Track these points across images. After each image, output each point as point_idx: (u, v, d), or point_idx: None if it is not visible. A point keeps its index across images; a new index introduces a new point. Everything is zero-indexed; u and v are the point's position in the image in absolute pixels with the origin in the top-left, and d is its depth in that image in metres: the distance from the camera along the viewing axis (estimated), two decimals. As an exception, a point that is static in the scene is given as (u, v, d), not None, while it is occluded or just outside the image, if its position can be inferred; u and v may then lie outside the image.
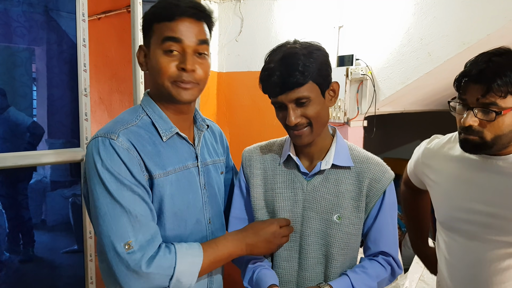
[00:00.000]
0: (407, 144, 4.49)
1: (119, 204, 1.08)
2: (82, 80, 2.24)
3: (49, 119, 2.50)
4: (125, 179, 1.10)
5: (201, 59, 1.20)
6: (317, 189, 1.33)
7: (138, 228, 1.09)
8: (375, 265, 1.34)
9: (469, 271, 1.35)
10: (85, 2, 2.22)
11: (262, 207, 1.38)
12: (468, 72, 1.19)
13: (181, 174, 1.23)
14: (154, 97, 1.26)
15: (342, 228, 1.31)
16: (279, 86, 1.20)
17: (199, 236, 1.28)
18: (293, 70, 1.18)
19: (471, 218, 1.32)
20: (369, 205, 1.32)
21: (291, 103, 1.21)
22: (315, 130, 1.26)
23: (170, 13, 1.16)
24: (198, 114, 1.37)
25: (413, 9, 2.28)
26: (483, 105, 1.16)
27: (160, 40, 1.16)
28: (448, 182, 1.40)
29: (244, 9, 3.07)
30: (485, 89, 1.14)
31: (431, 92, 2.78)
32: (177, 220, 1.22)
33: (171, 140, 1.24)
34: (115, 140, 1.12)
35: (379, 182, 1.31)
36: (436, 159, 1.46)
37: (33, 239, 3.25)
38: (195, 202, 1.26)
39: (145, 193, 1.13)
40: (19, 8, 2.16)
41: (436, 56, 2.23)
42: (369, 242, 1.38)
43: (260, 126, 3.04)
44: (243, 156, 1.44)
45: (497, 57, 1.17)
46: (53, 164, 2.53)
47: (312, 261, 1.33)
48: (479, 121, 1.18)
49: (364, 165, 1.33)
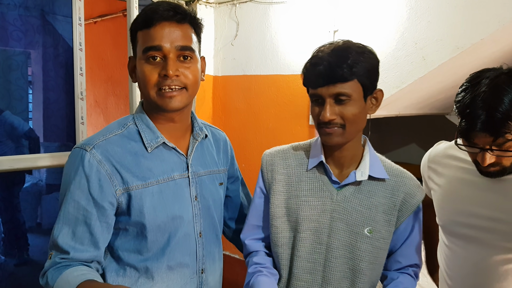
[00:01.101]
0: (402, 148, 4.50)
1: (63, 215, 1.11)
2: (78, 84, 2.24)
3: (45, 123, 2.51)
4: (78, 194, 1.10)
5: (186, 63, 1.15)
6: (348, 200, 1.25)
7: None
8: (409, 280, 1.31)
9: (469, 276, 1.35)
10: (81, 6, 2.23)
11: (283, 215, 1.29)
12: (472, 126, 1.14)
13: (165, 186, 1.19)
14: (145, 107, 1.23)
15: (373, 242, 1.24)
16: (322, 77, 1.13)
17: (188, 251, 1.23)
18: (342, 62, 1.12)
19: (473, 222, 1.32)
20: (400, 220, 1.27)
21: (330, 98, 1.15)
22: (348, 133, 1.19)
23: (149, 19, 1.13)
24: (196, 122, 1.31)
25: (408, 14, 2.30)
26: (497, 146, 1.14)
27: (141, 50, 1.14)
28: (451, 185, 1.39)
29: (240, 13, 3.08)
30: (493, 137, 1.12)
31: (425, 96, 2.80)
32: (161, 232, 1.17)
33: (158, 150, 1.20)
34: (88, 151, 1.11)
35: (414, 198, 1.27)
36: (441, 162, 1.46)
37: (27, 242, 3.24)
38: (181, 214, 1.21)
39: (92, 213, 1.10)
40: (16, 12, 2.16)
41: (430, 60, 2.24)
42: (400, 256, 1.33)
43: (256, 130, 3.05)
44: (264, 159, 1.35)
45: (494, 104, 1.11)
46: (49, 168, 2.53)
47: (338, 275, 1.25)
48: (495, 157, 1.16)
49: (398, 179, 1.28)
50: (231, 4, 3.12)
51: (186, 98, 1.17)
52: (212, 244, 1.31)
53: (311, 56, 1.20)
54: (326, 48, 1.17)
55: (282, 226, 1.29)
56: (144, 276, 1.18)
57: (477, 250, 1.32)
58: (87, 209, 1.10)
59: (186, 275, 1.23)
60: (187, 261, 1.23)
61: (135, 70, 1.20)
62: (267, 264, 1.32)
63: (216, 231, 1.33)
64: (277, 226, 1.29)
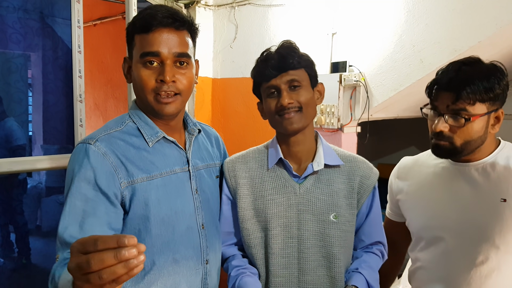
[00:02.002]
0: (400, 150, 4.51)
1: (69, 211, 1.07)
2: (77, 86, 2.25)
3: (44, 125, 2.51)
4: (84, 187, 1.08)
5: (182, 69, 1.18)
6: (310, 191, 1.33)
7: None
8: (374, 257, 1.40)
9: (446, 281, 1.35)
10: (80, 8, 2.24)
11: (252, 216, 1.35)
12: (439, 80, 1.26)
13: (168, 179, 1.21)
14: (140, 107, 1.25)
15: (340, 227, 1.32)
16: (276, 68, 1.26)
17: (191, 243, 1.25)
18: (291, 53, 1.27)
19: (446, 226, 1.33)
20: (360, 201, 1.36)
21: (285, 85, 1.27)
22: (305, 117, 1.29)
23: (148, 25, 1.14)
24: (188, 118, 1.35)
25: (406, 17, 2.31)
26: (453, 112, 1.21)
27: (139, 54, 1.15)
28: (423, 191, 1.42)
29: (239, 15, 3.09)
30: (455, 96, 1.20)
31: (423, 99, 2.80)
32: (165, 226, 1.19)
33: (158, 145, 1.22)
34: (92, 144, 1.12)
35: (368, 179, 1.37)
36: (411, 172, 1.49)
37: (28, 246, 3.23)
38: (184, 208, 1.24)
39: (101, 204, 1.09)
40: (15, 14, 2.17)
41: (428, 62, 2.25)
42: (363, 235, 1.42)
43: (255, 132, 3.06)
44: (225, 167, 1.41)
45: (466, 66, 1.23)
46: (48, 170, 2.54)
47: (313, 264, 1.31)
48: (449, 127, 1.23)
49: (353, 164, 1.38)
50: (230, 6, 3.13)
51: (180, 104, 1.20)
52: (213, 236, 1.34)
53: (259, 58, 1.34)
54: (272, 48, 1.32)
55: (253, 227, 1.35)
56: (150, 272, 1.19)
57: (454, 254, 1.32)
58: (96, 200, 1.09)
59: (191, 267, 1.25)
60: (192, 253, 1.25)
61: (130, 71, 1.22)
62: (246, 265, 1.37)
63: (215, 223, 1.37)
64: (248, 228, 1.35)
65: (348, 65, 2.53)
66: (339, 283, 1.32)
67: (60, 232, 1.07)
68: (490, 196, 1.26)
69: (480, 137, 1.24)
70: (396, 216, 1.57)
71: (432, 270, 1.39)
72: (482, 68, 1.23)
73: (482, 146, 1.28)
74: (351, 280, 1.30)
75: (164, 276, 1.20)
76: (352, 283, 1.28)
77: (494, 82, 1.19)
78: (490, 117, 1.24)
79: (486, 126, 1.24)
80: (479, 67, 1.23)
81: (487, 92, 1.19)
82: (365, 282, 1.30)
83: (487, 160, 1.29)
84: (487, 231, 1.25)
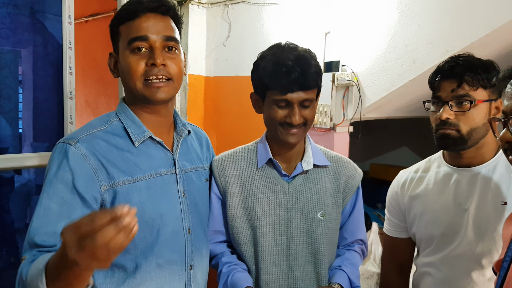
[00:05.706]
0: (392, 150, 4.53)
1: (43, 213, 1.04)
2: (68, 83, 2.23)
3: (34, 122, 2.48)
4: (61, 189, 1.05)
5: (171, 54, 1.17)
6: (299, 190, 1.36)
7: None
8: (355, 255, 1.44)
9: (451, 285, 1.36)
10: (71, 4, 2.22)
11: (241, 215, 1.36)
12: (441, 69, 1.29)
13: (153, 181, 1.18)
14: (129, 103, 1.22)
15: (327, 225, 1.36)
16: (295, 85, 1.23)
17: (177, 248, 1.22)
18: (311, 74, 1.24)
19: (450, 230, 1.35)
20: (345, 200, 1.41)
21: (297, 103, 1.25)
22: (306, 132, 1.33)
23: (133, 11, 1.14)
24: (178, 118, 1.32)
25: (398, 17, 2.31)
26: (457, 97, 1.25)
27: (126, 41, 1.14)
28: (427, 197, 1.42)
29: (232, 14, 3.08)
30: (457, 82, 1.24)
31: (416, 99, 2.81)
32: (149, 229, 1.16)
33: (144, 145, 1.19)
34: (72, 145, 1.09)
35: (353, 179, 1.42)
36: (413, 180, 1.48)
37: (16, 244, 3.20)
38: (170, 211, 1.20)
39: (77, 208, 1.05)
40: (4, 9, 2.14)
41: (420, 63, 2.26)
42: (346, 233, 1.46)
43: (247, 131, 3.04)
44: (214, 166, 1.41)
45: (465, 57, 1.28)
46: (38, 167, 2.51)
47: (301, 260, 1.35)
48: (454, 114, 1.25)
49: (339, 164, 1.42)
50: (223, 4, 3.12)
51: (172, 90, 1.18)
52: (200, 240, 1.31)
53: (274, 60, 1.25)
54: (290, 56, 1.24)
55: (242, 226, 1.36)
56: (132, 275, 1.16)
57: (461, 259, 1.33)
58: (72, 203, 1.06)
59: (175, 272, 1.22)
60: (176, 258, 1.22)
61: (116, 65, 1.21)
62: (237, 261, 1.39)
63: (203, 227, 1.34)
64: (237, 226, 1.36)
65: (341, 65, 2.53)
66: (323, 279, 1.36)
67: (31, 234, 1.03)
68: (492, 199, 1.28)
69: (484, 124, 1.26)
70: (400, 231, 1.53)
71: (436, 274, 1.39)
72: (481, 59, 1.28)
73: (483, 150, 1.30)
74: (334, 277, 1.34)
75: (147, 281, 1.17)
76: (335, 280, 1.32)
77: (493, 71, 1.24)
78: (491, 106, 1.27)
79: (488, 115, 1.26)
80: (477, 58, 1.28)
81: (488, 78, 1.23)
82: (348, 279, 1.34)
83: (489, 164, 1.31)
84: (490, 234, 1.27)
